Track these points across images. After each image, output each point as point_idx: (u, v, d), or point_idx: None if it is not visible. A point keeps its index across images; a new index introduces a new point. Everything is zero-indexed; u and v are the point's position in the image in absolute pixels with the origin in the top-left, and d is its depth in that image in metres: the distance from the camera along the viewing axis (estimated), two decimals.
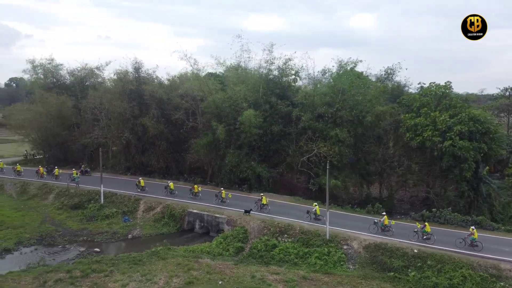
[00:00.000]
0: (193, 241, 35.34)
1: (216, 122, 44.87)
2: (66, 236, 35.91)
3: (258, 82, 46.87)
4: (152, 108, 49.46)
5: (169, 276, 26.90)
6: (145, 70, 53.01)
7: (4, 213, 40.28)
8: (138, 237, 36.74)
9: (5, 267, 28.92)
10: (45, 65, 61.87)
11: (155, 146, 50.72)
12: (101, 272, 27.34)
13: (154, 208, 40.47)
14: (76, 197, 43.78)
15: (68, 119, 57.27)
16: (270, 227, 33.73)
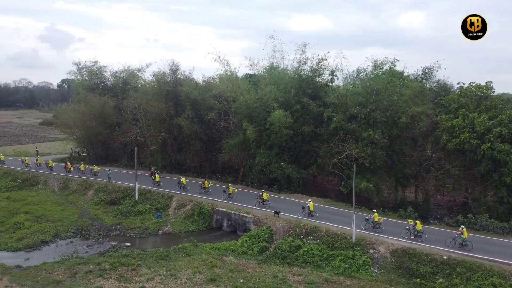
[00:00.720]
0: (220, 239, 35.79)
1: (247, 123, 45.17)
2: (100, 231, 37.62)
3: (290, 83, 46.69)
4: (187, 108, 50.66)
5: (193, 272, 27.43)
6: (182, 72, 54.47)
7: (45, 207, 42.79)
8: (168, 233, 37.75)
9: (41, 258, 30.82)
10: (89, 67, 65.29)
11: (189, 145, 51.88)
12: (129, 265, 28.38)
13: (185, 206, 41.39)
14: (113, 193, 45.65)
15: (110, 119, 59.86)
16: (296, 228, 33.50)
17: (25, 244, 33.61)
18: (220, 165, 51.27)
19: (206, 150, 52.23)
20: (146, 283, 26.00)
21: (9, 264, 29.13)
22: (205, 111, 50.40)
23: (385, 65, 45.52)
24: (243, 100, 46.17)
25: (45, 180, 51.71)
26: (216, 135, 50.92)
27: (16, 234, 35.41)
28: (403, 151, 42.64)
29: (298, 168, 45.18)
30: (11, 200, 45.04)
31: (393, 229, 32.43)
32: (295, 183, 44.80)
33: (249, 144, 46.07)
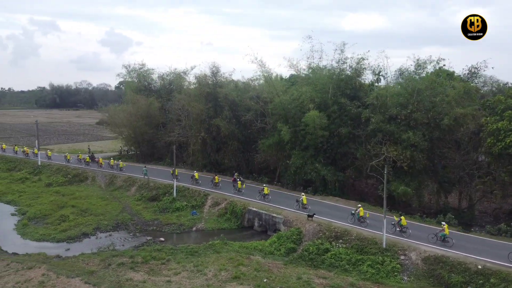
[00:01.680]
0: (250, 238, 36.12)
1: (282, 123, 45.14)
2: (138, 225, 39.32)
3: (328, 83, 46.01)
4: (225, 109, 51.60)
5: (219, 269, 27.94)
6: (222, 73, 55.58)
7: (91, 202, 45.39)
8: (202, 230, 38.69)
9: (80, 249, 32.78)
10: (137, 69, 68.41)
11: (227, 146, 52.80)
12: (159, 259, 29.46)
13: (220, 204, 42.18)
14: (154, 190, 47.50)
15: (155, 119, 62.31)
16: (325, 231, 33.01)
17: (68, 236, 35.93)
18: (256, 165, 51.61)
19: (243, 150, 52.86)
20: (173, 277, 26.86)
21: (50, 253, 31.27)
22: (243, 112, 51.01)
23: (428, 64, 43.52)
24: (279, 101, 46.20)
25: (93, 176, 54.85)
26: (253, 135, 51.38)
27: (60, 226, 37.93)
28: (445, 155, 40.55)
29: (335, 170, 44.38)
30: (61, 194, 48.24)
31: (427, 235, 30.96)
32: (330, 186, 44.06)
33: (284, 145, 46.00)
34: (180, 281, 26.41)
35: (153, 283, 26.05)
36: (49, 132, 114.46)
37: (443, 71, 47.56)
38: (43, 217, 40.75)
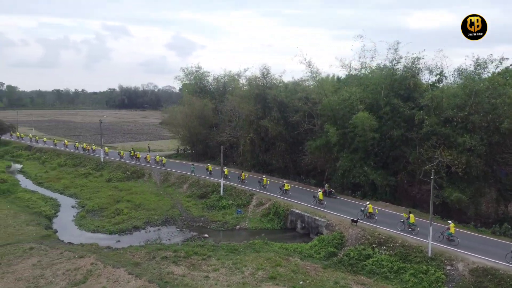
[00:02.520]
0: (292, 240, 35.90)
1: (330, 125, 44.38)
2: (186, 221, 40.80)
3: (380, 83, 44.49)
4: (274, 110, 51.82)
5: (256, 268, 28.20)
6: (272, 75, 55.95)
7: (145, 197, 47.79)
8: (245, 229, 39.21)
9: (129, 242, 34.69)
10: (194, 72, 70.92)
11: (275, 147, 53.00)
12: (201, 255, 30.33)
13: (264, 204, 42.46)
14: (204, 188, 48.95)
15: (208, 120, 64.25)
16: (369, 237, 31.97)
17: (120, 228, 38.19)
18: (304, 167, 51.11)
19: (291, 152, 52.64)
20: (211, 273, 27.54)
21: (102, 244, 33.42)
22: (291, 113, 50.88)
23: (490, 63, 40.39)
24: (327, 101, 45.50)
25: (150, 173, 57.69)
26: (301, 136, 50.98)
27: (114, 219, 40.40)
28: (507, 161, 37.45)
29: (386, 174, 42.75)
30: (118, 189, 51.34)
31: (480, 246, 28.89)
32: (381, 190, 42.52)
33: (331, 146, 45.19)
34: (218, 277, 27.01)
35: (192, 277, 26.88)
36: (115, 131, 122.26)
37: (510, 71, 43.94)
38: (100, 210, 43.64)
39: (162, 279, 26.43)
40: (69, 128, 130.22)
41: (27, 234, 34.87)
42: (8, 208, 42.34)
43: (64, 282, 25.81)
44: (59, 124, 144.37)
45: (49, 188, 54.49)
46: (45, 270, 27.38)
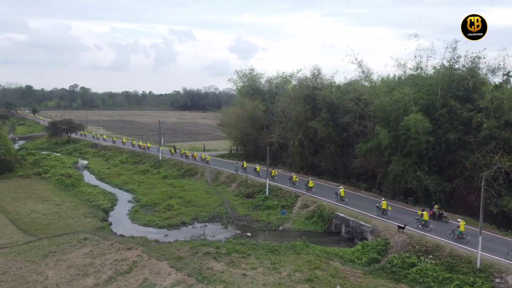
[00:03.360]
0: (336, 244, 35.04)
1: (381, 126, 42.87)
2: (231, 219, 41.59)
3: (436, 83, 42.21)
4: (323, 111, 51.08)
5: (294, 270, 28.04)
6: (323, 75, 55.19)
7: (196, 194, 49.35)
8: (288, 230, 39.08)
9: (176, 236, 36.07)
10: (247, 74, 72.02)
11: (324, 148, 52.19)
12: (241, 253, 30.74)
13: (309, 206, 42.01)
14: (251, 188, 49.56)
15: (259, 121, 64.94)
16: (415, 245, 30.46)
17: (169, 223, 39.80)
18: (354, 170, 49.72)
19: (341, 154, 51.48)
20: (249, 271, 27.82)
21: (151, 238, 34.98)
22: (341, 114, 49.82)
23: None
24: (378, 102, 43.99)
25: (202, 172, 59.49)
26: (351, 138, 49.71)
27: (165, 214, 42.19)
28: None
29: (440, 180, 40.44)
30: (172, 186, 53.53)
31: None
32: (434, 197, 40.24)
33: (383, 149, 43.60)
34: (255, 276, 27.23)
35: (230, 274, 27.35)
36: (176, 131, 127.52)
37: None
38: (153, 205, 45.80)
39: (201, 274, 27.14)
40: (134, 128, 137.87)
41: (84, 225, 37.57)
42: (70, 201, 45.87)
43: (111, 271, 27.49)
44: (126, 124, 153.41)
45: (110, 183, 58.21)
46: (95, 259, 29.34)
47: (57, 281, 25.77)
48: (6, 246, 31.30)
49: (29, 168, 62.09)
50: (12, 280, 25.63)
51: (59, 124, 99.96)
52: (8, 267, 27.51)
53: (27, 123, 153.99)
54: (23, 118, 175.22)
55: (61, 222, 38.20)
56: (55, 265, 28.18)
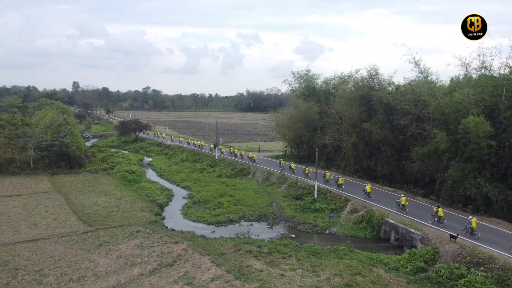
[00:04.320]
0: (384, 251, 33.57)
1: (439, 129, 40.50)
2: (277, 220, 41.76)
3: (501, 85, 39.04)
4: (379, 113, 49.33)
5: (334, 274, 27.56)
6: (380, 75, 53.27)
7: (246, 194, 50.21)
8: (334, 234, 38.31)
9: (222, 233, 37.07)
10: (303, 75, 71.60)
11: (380, 152, 50.30)
12: (282, 253, 30.82)
13: (358, 211, 40.84)
14: (300, 189, 49.28)
15: (313, 122, 64.13)
16: (467, 255, 28.45)
17: (217, 220, 40.95)
18: (411, 175, 47.23)
19: (398, 158, 49.26)
20: (287, 272, 27.81)
21: (198, 233, 36.31)
22: (398, 116, 47.74)
23: None
24: (437, 104, 41.58)
25: (254, 172, 60.32)
26: (409, 141, 47.40)
27: (215, 211, 43.45)
28: None
29: (504, 187, 37.26)
30: (225, 185, 54.93)
31: None
32: (496, 206, 37.19)
33: (440, 154, 41.14)
34: (293, 276, 27.17)
35: (268, 273, 27.56)
36: (236, 132, 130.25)
37: None
38: (204, 202, 47.41)
39: (240, 271, 27.66)
40: (198, 128, 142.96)
41: (139, 219, 39.89)
42: (130, 195, 48.89)
43: (156, 263, 28.98)
44: (191, 125, 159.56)
45: (169, 180, 61.18)
46: (144, 251, 31.08)
47: (106, 269, 27.71)
48: (66, 234, 34.24)
49: (97, 164, 67.10)
50: (67, 266, 28.00)
51: (127, 123, 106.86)
52: (65, 254, 30.09)
53: (102, 123, 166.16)
54: (98, 118, 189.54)
55: (118, 215, 40.86)
56: (106, 254, 30.29)
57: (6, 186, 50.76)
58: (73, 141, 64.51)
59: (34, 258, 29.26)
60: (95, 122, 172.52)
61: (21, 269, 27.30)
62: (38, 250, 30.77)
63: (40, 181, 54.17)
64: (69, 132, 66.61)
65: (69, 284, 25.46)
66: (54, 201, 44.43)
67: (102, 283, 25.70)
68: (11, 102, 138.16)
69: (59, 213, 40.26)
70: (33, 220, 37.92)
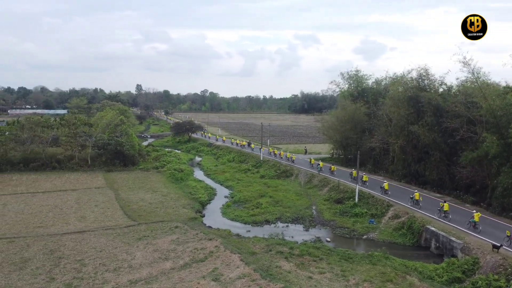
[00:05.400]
0: (422, 260, 32.02)
1: (489, 133, 37.92)
2: (314, 223, 41.39)
3: None
4: (427, 115, 47.04)
5: (363, 279, 26.91)
6: (431, 75, 50.83)
7: (286, 195, 50.26)
8: (372, 239, 37.22)
9: (257, 233, 37.50)
10: (352, 76, 70.05)
11: (428, 156, 47.89)
12: (314, 256, 30.57)
13: (400, 217, 39.25)
14: (341, 193, 48.36)
15: (361, 124, 62.52)
16: (508, 267, 26.47)
17: (253, 220, 41.47)
18: (460, 181, 44.38)
19: (448, 163, 46.57)
20: (316, 275, 27.57)
21: (234, 232, 37.05)
22: (447, 119, 45.20)
23: None
24: (487, 106, 38.95)
25: (297, 174, 60.12)
26: (459, 146, 44.71)
27: (252, 211, 44.01)
28: None
29: None
30: (267, 186, 55.36)
31: None
32: None
33: (491, 159, 38.49)
34: (320, 280, 26.90)
35: (296, 275, 27.51)
36: (287, 133, 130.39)
37: None
38: (244, 202, 48.19)
39: (268, 271, 27.87)
40: (249, 130, 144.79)
41: (179, 215, 41.46)
42: (175, 193, 50.90)
43: (188, 258, 30.04)
44: (243, 126, 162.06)
45: (214, 179, 62.91)
46: (179, 246, 32.33)
47: (141, 262, 29.22)
48: (110, 228, 36.53)
49: (150, 162, 70.52)
50: (106, 257, 29.91)
51: (182, 125, 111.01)
52: (106, 245, 32.16)
53: (160, 124, 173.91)
54: (157, 119, 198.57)
55: (161, 211, 42.75)
56: (144, 248, 31.91)
57: (64, 181, 55.08)
58: (128, 141, 68.31)
59: (78, 248, 31.60)
60: (155, 123, 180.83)
61: (64, 258, 29.62)
62: (83, 241, 33.16)
63: (95, 177, 58.09)
64: (124, 132, 70.54)
65: (105, 274, 27.19)
66: (104, 196, 47.48)
67: (135, 275, 27.15)
68: (77, 104, 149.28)
69: (108, 208, 42.97)
70: (83, 213, 40.86)
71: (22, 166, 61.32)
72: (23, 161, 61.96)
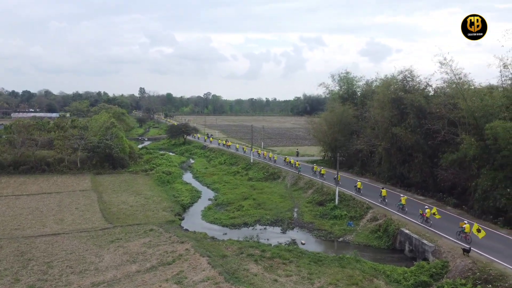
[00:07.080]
0: (395, 263, 31.60)
1: (468, 135, 37.45)
2: (292, 225, 41.09)
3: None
4: (410, 117, 46.60)
5: (329, 283, 26.66)
6: (415, 77, 50.37)
7: (270, 197, 50.02)
8: (347, 242, 36.91)
9: (234, 235, 37.36)
10: (342, 78, 69.65)
11: (412, 158, 47.43)
12: (284, 259, 30.32)
13: (378, 220, 38.84)
14: (324, 195, 47.98)
15: (349, 127, 62.07)
16: (477, 271, 25.98)
17: (232, 223, 41.30)
18: (442, 183, 43.79)
19: (431, 165, 46.03)
20: (282, 278, 27.33)
21: (210, 234, 36.87)
22: (430, 120, 44.76)
23: None
24: (466, 107, 38.49)
25: (285, 176, 59.81)
26: (442, 147, 44.16)
27: (233, 214, 43.86)
28: None
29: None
30: (252, 188, 55.13)
31: None
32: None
33: (470, 161, 38.00)
34: (286, 283, 26.65)
35: (262, 278, 27.27)
36: (284, 136, 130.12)
37: None
38: (226, 204, 48.00)
39: (234, 274, 27.60)
40: (247, 132, 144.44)
41: (158, 218, 41.35)
42: (159, 196, 50.86)
43: (156, 261, 29.88)
44: (242, 128, 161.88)
45: (201, 181, 62.82)
46: (149, 249, 32.19)
47: (108, 265, 29.15)
48: (85, 230, 36.55)
49: (141, 165, 70.65)
50: (74, 259, 29.88)
51: (176, 127, 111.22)
52: (77, 248, 32.15)
53: (160, 126, 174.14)
54: (158, 121, 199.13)
55: (141, 214, 42.67)
56: (114, 251, 31.83)
57: (51, 184, 55.32)
58: (118, 143, 68.47)
59: (49, 250, 31.64)
60: (155, 126, 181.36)
61: (33, 260, 29.67)
62: (55, 243, 33.20)
63: (83, 180, 58.26)
64: (115, 135, 70.74)
65: (69, 276, 27.16)
66: (87, 199, 47.58)
67: (100, 277, 27.09)
68: (77, 107, 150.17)
69: (87, 210, 43.04)
70: (62, 216, 40.95)
71: (12, 169, 61.65)
72: (13, 164, 62.29)
